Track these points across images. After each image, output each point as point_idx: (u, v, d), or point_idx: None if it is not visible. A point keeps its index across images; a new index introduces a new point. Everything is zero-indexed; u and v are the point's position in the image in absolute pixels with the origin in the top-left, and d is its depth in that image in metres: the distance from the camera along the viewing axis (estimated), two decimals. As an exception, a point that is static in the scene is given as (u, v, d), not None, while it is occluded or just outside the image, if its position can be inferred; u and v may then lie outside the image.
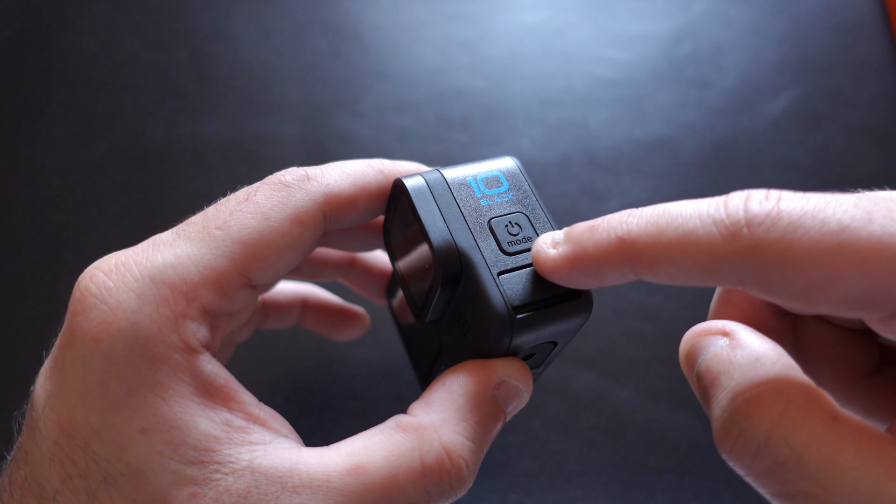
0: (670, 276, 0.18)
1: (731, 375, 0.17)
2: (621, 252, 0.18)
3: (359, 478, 0.19)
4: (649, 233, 0.18)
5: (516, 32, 0.50)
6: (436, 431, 0.20)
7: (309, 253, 0.23)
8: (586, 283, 0.20)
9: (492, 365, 0.22)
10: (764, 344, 0.18)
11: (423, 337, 0.27)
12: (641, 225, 0.18)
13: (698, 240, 0.17)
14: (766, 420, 0.16)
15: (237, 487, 0.19)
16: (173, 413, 0.19)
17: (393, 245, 0.25)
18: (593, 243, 0.19)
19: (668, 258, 0.17)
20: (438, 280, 0.21)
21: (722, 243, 0.16)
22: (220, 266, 0.20)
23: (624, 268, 0.18)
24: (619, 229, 0.18)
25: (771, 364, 0.17)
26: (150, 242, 0.21)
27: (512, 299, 0.21)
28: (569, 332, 0.22)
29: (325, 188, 0.22)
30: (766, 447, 0.16)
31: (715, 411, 0.17)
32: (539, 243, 0.21)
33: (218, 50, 0.48)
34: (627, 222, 0.18)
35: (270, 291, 0.32)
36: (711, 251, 0.17)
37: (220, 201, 0.22)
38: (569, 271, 0.20)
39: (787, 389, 0.16)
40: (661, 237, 0.18)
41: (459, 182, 0.23)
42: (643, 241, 0.18)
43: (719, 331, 0.19)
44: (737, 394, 0.17)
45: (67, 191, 0.42)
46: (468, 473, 0.21)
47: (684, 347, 0.20)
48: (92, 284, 0.20)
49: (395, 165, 0.24)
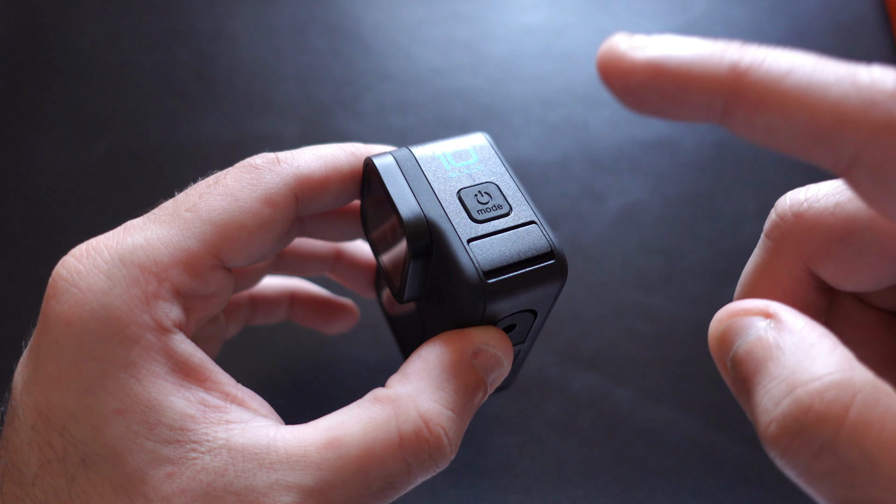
0: (773, 130, 0.15)
1: (783, 363, 0.15)
2: (727, 79, 0.15)
3: (336, 451, 0.19)
4: (770, 68, 0.15)
5: (516, 32, 0.50)
6: (412, 401, 0.20)
7: (283, 236, 0.23)
8: (657, 105, 0.16)
9: (468, 333, 0.22)
10: (816, 329, 0.16)
11: (410, 324, 0.27)
12: (761, 57, 0.15)
13: (828, 96, 0.14)
14: (833, 418, 0.14)
15: (214, 465, 0.19)
16: (147, 393, 0.19)
17: (370, 228, 0.25)
18: (696, 55, 0.15)
19: (783, 105, 0.14)
20: (410, 253, 0.21)
21: (856, 108, 0.14)
22: (191, 247, 0.21)
23: (718, 100, 0.15)
24: (735, 52, 0.15)
25: (828, 353, 0.15)
26: (121, 228, 0.21)
27: (483, 265, 0.20)
28: (545, 298, 0.22)
29: (296, 170, 0.22)
30: (831, 448, 0.14)
31: (764, 403, 0.15)
32: (613, 40, 0.16)
33: (218, 50, 0.48)
34: (745, 49, 0.15)
35: (258, 286, 0.31)
36: (839, 113, 0.14)
37: (191, 186, 0.22)
38: (647, 78, 0.15)
39: (853, 383, 0.14)
40: (784, 79, 0.14)
41: (428, 157, 0.23)
42: (759, 75, 0.15)
43: (761, 311, 0.17)
44: (795, 385, 0.15)
45: (67, 191, 0.42)
46: (448, 443, 0.20)
47: (717, 328, 0.18)
48: (63, 269, 0.20)
49: (367, 148, 0.24)
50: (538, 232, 0.22)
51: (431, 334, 0.24)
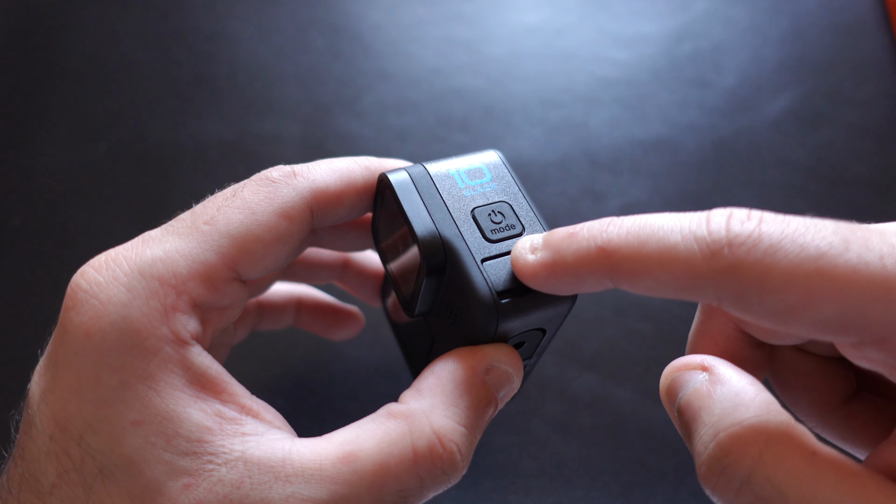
0: (648, 288, 0.18)
1: (712, 411, 0.17)
2: (600, 261, 0.18)
3: (351, 465, 0.19)
4: (630, 244, 0.18)
5: (516, 32, 0.50)
6: (426, 417, 0.20)
7: (297, 248, 0.23)
8: (563, 289, 0.20)
9: (480, 350, 0.22)
10: (743, 379, 0.18)
11: (417, 333, 0.28)
12: (622, 235, 0.18)
13: (679, 255, 0.17)
14: (748, 457, 0.16)
15: (230, 478, 0.19)
16: (165, 405, 0.19)
17: (381, 240, 0.25)
18: (573, 251, 0.19)
19: (648, 271, 0.17)
20: (423, 270, 0.22)
21: (702, 261, 0.17)
22: (209, 259, 0.21)
23: (602, 277, 0.18)
24: (600, 238, 0.18)
25: (750, 400, 0.17)
26: (140, 239, 0.21)
27: (496, 285, 0.21)
28: (555, 318, 0.22)
29: (312, 184, 0.23)
30: (748, 484, 0.16)
31: (697, 447, 0.17)
32: (518, 248, 0.21)
33: (218, 50, 0.48)
34: (608, 231, 0.18)
35: (265, 293, 0.32)
36: (691, 268, 0.17)
37: (209, 198, 0.22)
38: (546, 278, 0.20)
39: (767, 426, 0.16)
40: (642, 249, 0.17)
41: (442, 175, 0.23)
42: (623, 252, 0.18)
43: (698, 365, 0.19)
44: (718, 430, 0.17)
45: (67, 191, 0.42)
46: (461, 458, 0.21)
47: (664, 382, 0.20)
48: (83, 281, 0.20)
49: (381, 163, 0.25)
50: None
51: (440, 348, 0.24)
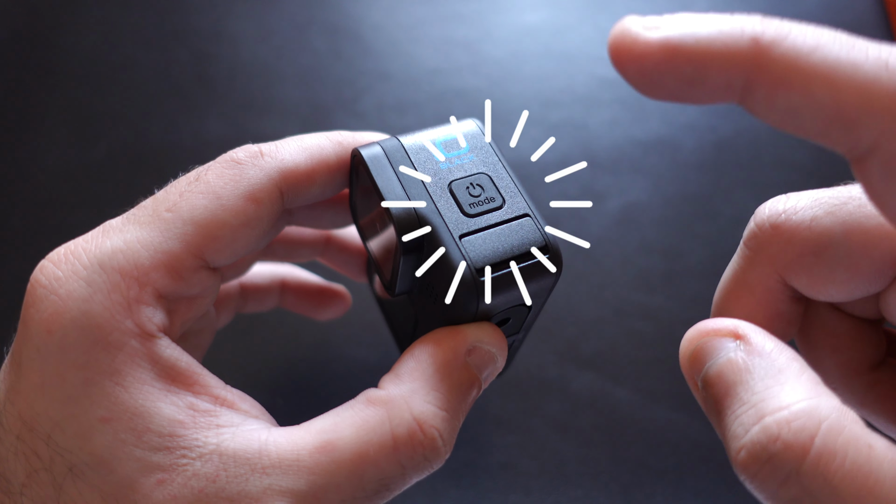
0: (791, 111, 0.14)
1: (752, 388, 0.15)
2: (749, 55, 0.14)
3: (329, 455, 0.19)
4: (798, 46, 0.14)
5: (516, 32, 0.50)
6: (406, 403, 0.20)
7: (270, 231, 0.22)
8: (674, 86, 0.15)
9: (461, 331, 0.21)
10: (783, 352, 0.16)
11: (402, 312, 0.27)
12: (784, 33, 0.14)
13: (857, 79, 0.13)
14: (798, 447, 0.14)
15: (205, 471, 0.18)
16: (133, 400, 0.19)
17: (359, 218, 0.25)
18: (717, 31, 0.14)
19: (807, 83, 0.13)
20: (400, 249, 0.21)
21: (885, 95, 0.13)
22: (172, 249, 0.20)
23: (738, 78, 0.14)
24: (756, 27, 0.14)
25: (796, 378, 0.15)
26: (100, 229, 0.21)
27: (475, 261, 0.20)
28: (540, 292, 0.21)
29: (280, 163, 0.22)
30: (796, 476, 0.14)
31: (734, 428, 0.15)
32: (625, 22, 0.15)
33: (218, 50, 0.48)
34: (766, 23, 0.14)
35: (248, 274, 0.31)
36: (865, 96, 0.13)
37: (171, 183, 0.22)
38: (660, 62, 0.15)
39: (819, 412, 0.14)
40: (812, 55, 0.14)
41: (417, 147, 0.22)
42: (784, 50, 0.14)
43: (730, 332, 0.17)
44: (763, 413, 0.15)
45: (67, 191, 0.42)
46: (442, 444, 0.20)
47: (688, 347, 0.17)
48: (42, 276, 0.20)
49: (354, 137, 0.24)
50: (532, 225, 0.21)
51: (424, 327, 0.23)
